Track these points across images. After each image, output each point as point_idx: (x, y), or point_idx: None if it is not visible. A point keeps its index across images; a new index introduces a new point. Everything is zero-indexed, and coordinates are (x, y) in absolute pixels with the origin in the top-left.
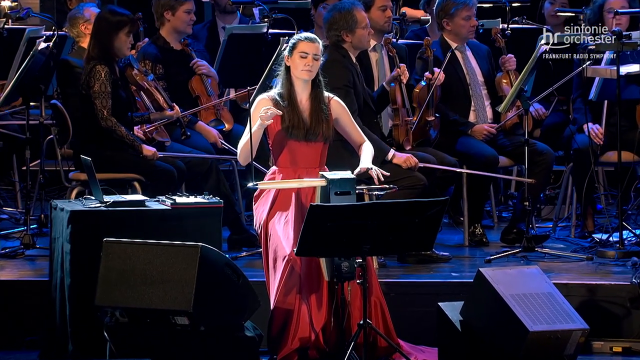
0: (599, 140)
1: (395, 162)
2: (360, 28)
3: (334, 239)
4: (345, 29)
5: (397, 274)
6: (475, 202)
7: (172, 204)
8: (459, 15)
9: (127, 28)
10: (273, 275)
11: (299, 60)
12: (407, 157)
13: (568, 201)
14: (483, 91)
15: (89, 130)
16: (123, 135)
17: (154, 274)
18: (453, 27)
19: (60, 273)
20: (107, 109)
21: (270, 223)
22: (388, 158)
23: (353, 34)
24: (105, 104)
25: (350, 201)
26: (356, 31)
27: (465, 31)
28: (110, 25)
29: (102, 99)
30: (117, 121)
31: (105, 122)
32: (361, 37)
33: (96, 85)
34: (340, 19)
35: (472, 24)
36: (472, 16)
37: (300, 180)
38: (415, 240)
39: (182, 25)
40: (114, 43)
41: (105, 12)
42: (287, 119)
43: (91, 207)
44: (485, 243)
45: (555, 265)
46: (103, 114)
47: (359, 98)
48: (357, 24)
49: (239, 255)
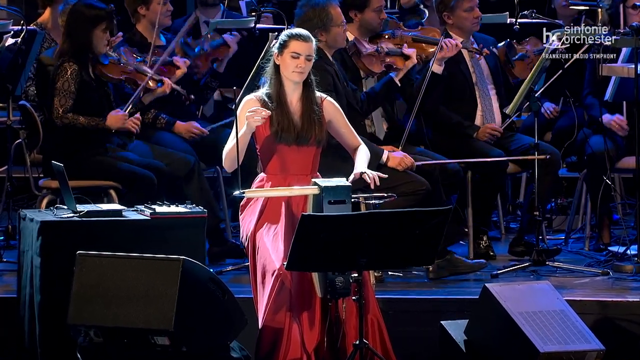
0: (624, 132)
1: (390, 165)
2: (335, 26)
3: (327, 251)
4: (320, 28)
5: (396, 290)
6: (481, 210)
7: (151, 213)
8: (460, 7)
9: (104, 24)
10: (261, 291)
11: (290, 60)
12: (402, 158)
13: (582, 211)
14: (491, 91)
15: (61, 134)
16: (85, 124)
17: (131, 290)
18: (455, 21)
19: (30, 289)
20: (64, 107)
21: (258, 234)
22: (383, 161)
23: (328, 32)
24: (64, 103)
25: (345, 211)
26: (331, 29)
27: (469, 24)
28: (85, 19)
29: (61, 97)
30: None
31: (61, 120)
32: (336, 36)
33: (59, 82)
34: (313, 16)
35: (476, 15)
36: (475, 6)
37: (291, 188)
38: (415, 253)
39: (159, 18)
40: (89, 39)
41: (80, 5)
42: (276, 121)
43: (63, 217)
44: (492, 256)
45: (568, 280)
46: (58, 112)
47: (341, 99)
48: (333, 22)
49: (224, 270)
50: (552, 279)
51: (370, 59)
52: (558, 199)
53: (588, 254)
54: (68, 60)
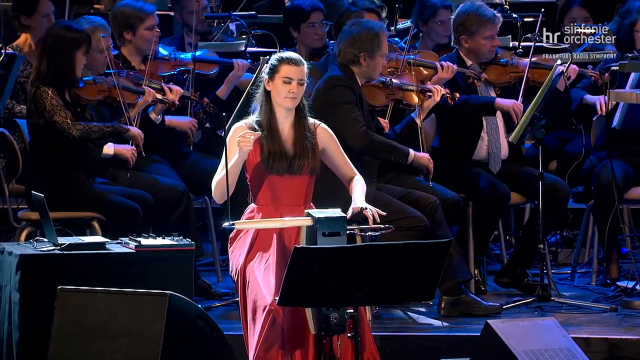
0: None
1: (417, 164)
2: (380, 56)
3: (321, 286)
4: (367, 52)
5: (393, 327)
6: (477, 242)
7: (136, 246)
8: (480, 34)
9: (84, 46)
10: (252, 327)
11: (282, 86)
12: (429, 158)
13: (589, 244)
14: (499, 121)
15: (42, 162)
16: (101, 129)
17: (115, 327)
18: (472, 45)
19: (8, 326)
20: (70, 117)
21: (249, 268)
22: (410, 159)
23: (372, 59)
24: (65, 115)
25: (340, 243)
26: (376, 57)
27: (485, 51)
28: (66, 42)
29: (59, 112)
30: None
31: (76, 129)
32: (377, 65)
33: (47, 103)
34: (366, 38)
35: (494, 44)
36: (495, 35)
37: (283, 220)
38: (414, 287)
39: (146, 44)
40: (71, 63)
41: (58, 27)
42: (267, 150)
43: (43, 250)
44: (482, 291)
45: (575, 317)
46: (68, 124)
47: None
48: (380, 50)
49: (212, 305)
50: (558, 315)
51: (373, 90)
52: (564, 231)
53: (595, 289)
54: (43, 84)
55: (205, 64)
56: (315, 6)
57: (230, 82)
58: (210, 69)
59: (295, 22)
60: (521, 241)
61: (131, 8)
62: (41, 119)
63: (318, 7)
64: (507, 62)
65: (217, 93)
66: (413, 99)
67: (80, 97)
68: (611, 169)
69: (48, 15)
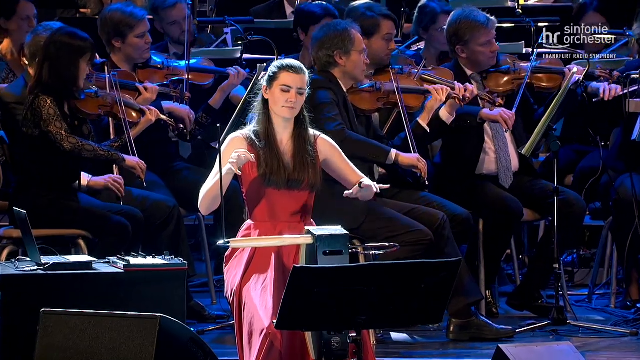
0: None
1: (401, 164)
2: (356, 51)
3: (322, 308)
4: (340, 49)
5: (399, 352)
6: (488, 262)
7: (125, 266)
8: (475, 41)
9: (89, 54)
10: (248, 352)
11: (280, 94)
12: (416, 158)
13: (607, 263)
14: (507, 133)
15: (28, 176)
16: (94, 150)
17: (102, 352)
18: (469, 55)
19: None
20: (64, 129)
21: (245, 289)
22: (391, 159)
23: (348, 56)
24: (60, 126)
25: (342, 262)
26: (352, 53)
27: (484, 58)
28: (70, 50)
29: (55, 122)
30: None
31: (68, 142)
32: (356, 63)
33: (44, 111)
34: (334, 37)
35: (493, 50)
36: (492, 40)
37: (282, 237)
38: (421, 310)
39: (136, 53)
40: (74, 72)
41: (61, 34)
42: (264, 162)
43: (26, 270)
44: (494, 314)
45: (592, 341)
46: (61, 135)
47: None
48: (354, 46)
49: (206, 329)
50: (575, 339)
51: (360, 94)
52: (580, 250)
53: (614, 311)
54: (42, 93)
55: (200, 73)
56: (328, 11)
57: (224, 91)
58: (205, 79)
59: (305, 24)
60: (535, 260)
61: (121, 14)
62: (37, 130)
63: (331, 13)
64: (509, 69)
65: (209, 102)
66: (411, 102)
67: (80, 109)
68: (631, 183)
69: (29, 18)
